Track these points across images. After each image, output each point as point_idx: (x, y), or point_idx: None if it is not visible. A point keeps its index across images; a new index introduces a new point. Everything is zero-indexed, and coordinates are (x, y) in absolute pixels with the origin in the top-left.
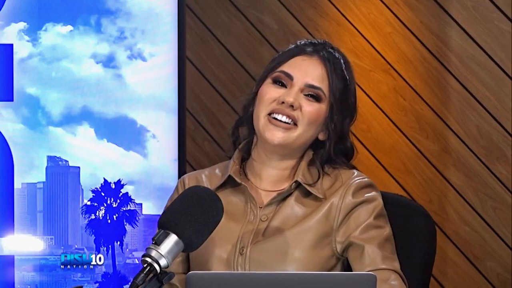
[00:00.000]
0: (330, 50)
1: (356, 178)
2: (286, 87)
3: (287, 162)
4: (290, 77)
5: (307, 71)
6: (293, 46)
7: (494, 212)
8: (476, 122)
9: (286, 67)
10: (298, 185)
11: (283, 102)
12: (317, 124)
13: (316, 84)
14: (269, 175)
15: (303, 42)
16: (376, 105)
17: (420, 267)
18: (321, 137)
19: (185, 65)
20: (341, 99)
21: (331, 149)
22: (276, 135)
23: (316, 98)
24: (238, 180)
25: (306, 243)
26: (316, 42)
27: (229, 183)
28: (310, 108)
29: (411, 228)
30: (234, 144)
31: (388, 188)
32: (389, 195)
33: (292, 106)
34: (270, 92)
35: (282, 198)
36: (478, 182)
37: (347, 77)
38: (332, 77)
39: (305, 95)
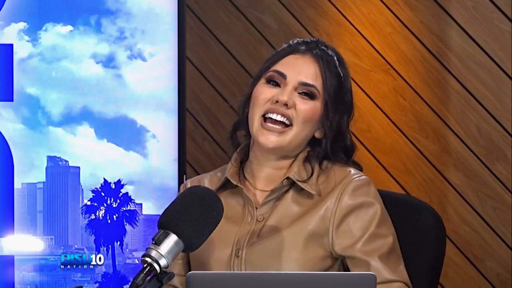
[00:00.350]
0: (323, 48)
1: (353, 177)
2: (280, 86)
3: (283, 162)
4: (283, 76)
5: (300, 69)
6: (286, 45)
7: (494, 212)
8: (476, 122)
9: (279, 66)
10: (292, 183)
11: (277, 101)
12: (312, 122)
13: (309, 81)
14: (266, 175)
15: (296, 41)
16: (376, 105)
17: (428, 269)
18: (317, 135)
19: (185, 65)
20: (336, 96)
21: (327, 146)
22: (269, 139)
23: (310, 95)
24: (234, 182)
25: (301, 244)
26: (309, 40)
27: (227, 185)
28: (304, 107)
29: (419, 229)
30: (234, 147)
31: (388, 188)
32: (396, 195)
33: (286, 104)
34: (264, 92)
35: (277, 196)
36: (478, 182)
37: (341, 74)
38: (325, 74)
39: (299, 93)
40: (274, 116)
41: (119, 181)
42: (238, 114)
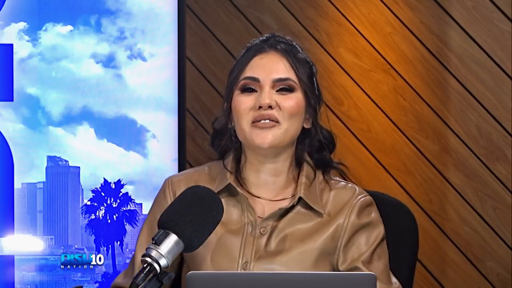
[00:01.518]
0: (282, 40)
1: (359, 197)
2: (256, 91)
3: (281, 165)
4: (255, 79)
5: (270, 68)
6: (245, 50)
7: (494, 212)
8: (476, 122)
9: (248, 72)
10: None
11: (260, 107)
12: (299, 115)
13: (283, 76)
14: (265, 183)
15: (253, 42)
16: (376, 105)
17: (405, 264)
18: (306, 125)
19: (185, 65)
20: (311, 82)
21: (318, 133)
22: (265, 138)
23: (289, 89)
24: (240, 190)
25: (312, 263)
26: (265, 37)
27: (224, 190)
28: (288, 103)
29: (394, 226)
30: (220, 153)
31: (388, 188)
32: (373, 193)
33: (270, 106)
34: (244, 102)
35: (283, 212)
36: (478, 182)
37: (308, 60)
38: (295, 64)
39: (277, 91)
40: (262, 122)
41: (119, 181)
42: (218, 129)
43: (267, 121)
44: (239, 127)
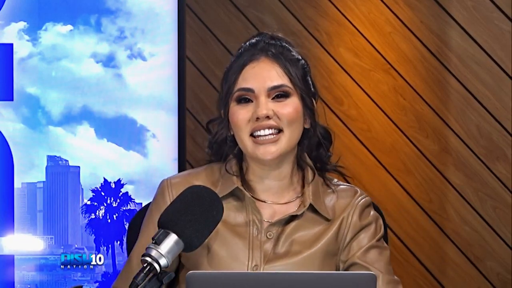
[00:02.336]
0: (272, 41)
1: (359, 198)
2: (252, 101)
3: (284, 169)
4: (250, 90)
5: (263, 76)
6: (235, 57)
7: (494, 212)
8: (476, 122)
9: (242, 83)
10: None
11: (258, 118)
12: (299, 119)
13: (277, 83)
14: (269, 187)
15: (243, 49)
16: (376, 105)
17: None
18: (305, 125)
19: (185, 65)
20: (305, 82)
21: (317, 132)
22: (268, 151)
23: (285, 95)
24: (248, 195)
25: (317, 263)
26: (254, 41)
27: (229, 194)
28: (286, 109)
29: None
30: (221, 157)
31: (388, 188)
32: None
33: (268, 117)
34: (241, 114)
35: (290, 217)
36: (478, 182)
37: (299, 57)
38: (288, 68)
39: (273, 98)
40: (262, 132)
41: (119, 180)
42: (216, 136)
43: (267, 131)
44: (239, 138)
